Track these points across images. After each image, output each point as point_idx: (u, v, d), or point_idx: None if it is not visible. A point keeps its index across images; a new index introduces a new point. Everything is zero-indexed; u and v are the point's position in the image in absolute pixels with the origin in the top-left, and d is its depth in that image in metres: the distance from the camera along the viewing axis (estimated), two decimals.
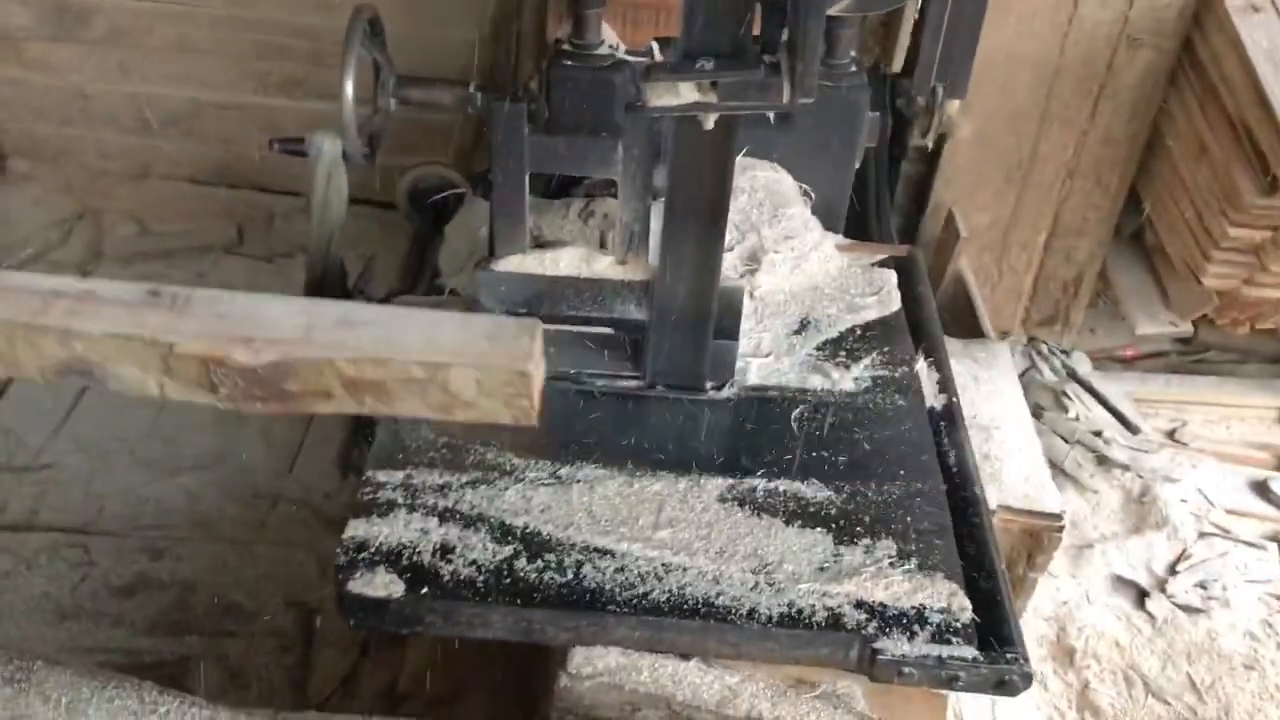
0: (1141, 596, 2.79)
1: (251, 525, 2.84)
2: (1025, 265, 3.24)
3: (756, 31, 1.56)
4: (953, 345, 2.54)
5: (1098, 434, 3.03)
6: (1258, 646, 2.69)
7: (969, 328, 2.70)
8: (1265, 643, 2.70)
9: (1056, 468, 2.98)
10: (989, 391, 2.37)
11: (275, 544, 2.78)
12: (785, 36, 1.47)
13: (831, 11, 1.47)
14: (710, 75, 1.50)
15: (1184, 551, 2.88)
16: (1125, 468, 3.00)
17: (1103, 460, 3.03)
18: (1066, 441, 2.98)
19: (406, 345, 1.66)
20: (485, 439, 1.76)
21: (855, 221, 2.57)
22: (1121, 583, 2.82)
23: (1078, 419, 3.06)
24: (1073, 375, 3.15)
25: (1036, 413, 2.97)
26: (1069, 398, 3.10)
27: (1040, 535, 2.23)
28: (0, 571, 2.61)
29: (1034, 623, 2.69)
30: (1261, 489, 3.06)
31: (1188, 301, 3.05)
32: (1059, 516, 2.21)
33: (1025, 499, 2.21)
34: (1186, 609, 2.76)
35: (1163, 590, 2.79)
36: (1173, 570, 2.84)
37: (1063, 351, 3.27)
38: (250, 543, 2.78)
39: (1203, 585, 2.80)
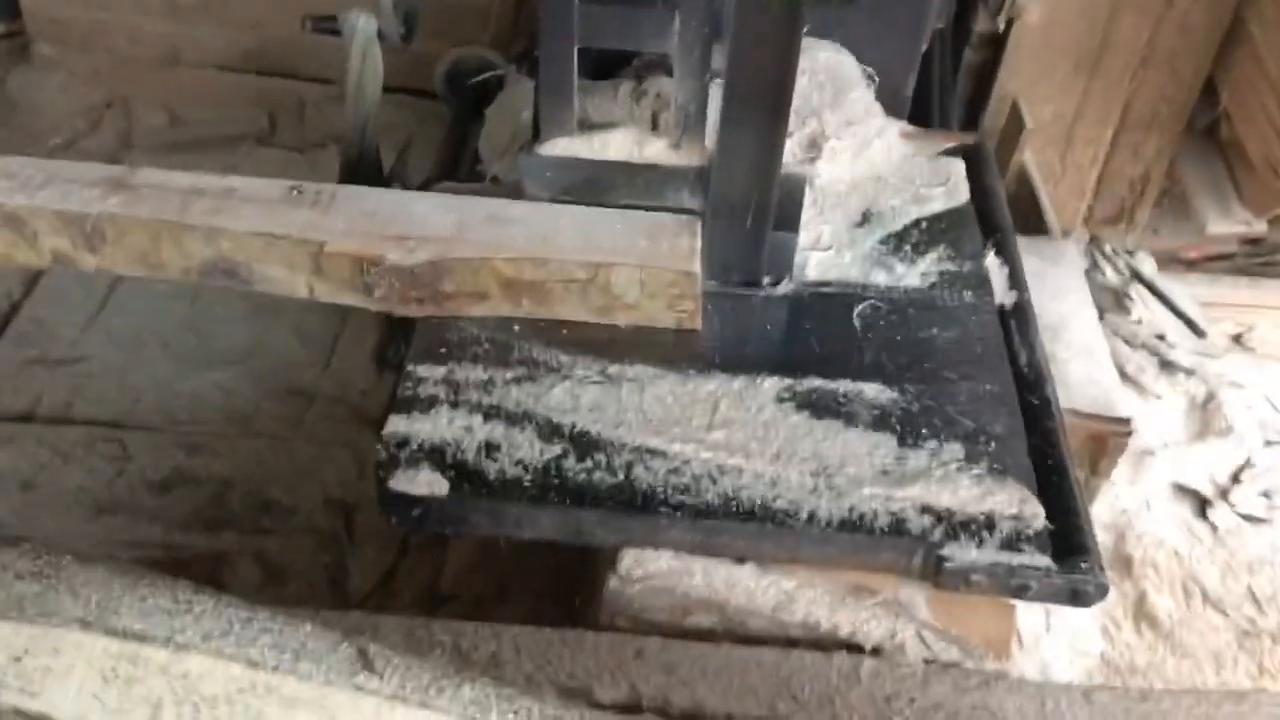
0: (1203, 505, 2.71)
1: (288, 421, 2.79)
2: (1090, 160, 3.09)
3: None
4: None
5: (1161, 337, 2.92)
6: None
7: (1033, 224, 2.58)
8: None
9: (1121, 371, 2.87)
10: (1055, 290, 2.26)
11: (312, 440, 2.73)
12: None
13: None
14: None
15: (1248, 460, 2.78)
16: (1190, 372, 2.90)
17: (1166, 364, 2.92)
18: (1129, 344, 2.87)
19: (564, 244, 1.63)
20: (531, 334, 1.68)
21: (917, 109, 2.45)
22: (1183, 491, 2.73)
23: (1140, 322, 2.94)
24: (1137, 276, 3.03)
25: (1098, 315, 2.86)
26: (1132, 299, 2.98)
27: (1106, 440, 2.14)
28: (37, 465, 2.59)
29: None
30: None
31: (1265, 199, 2.90)
32: (1127, 422, 2.13)
33: (1092, 402, 2.12)
34: (1250, 519, 2.67)
35: (1225, 499, 2.70)
36: (1236, 479, 2.74)
37: (1126, 252, 3.14)
38: (287, 439, 2.74)
39: (1267, 495, 2.71)
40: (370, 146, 2.19)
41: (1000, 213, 2.00)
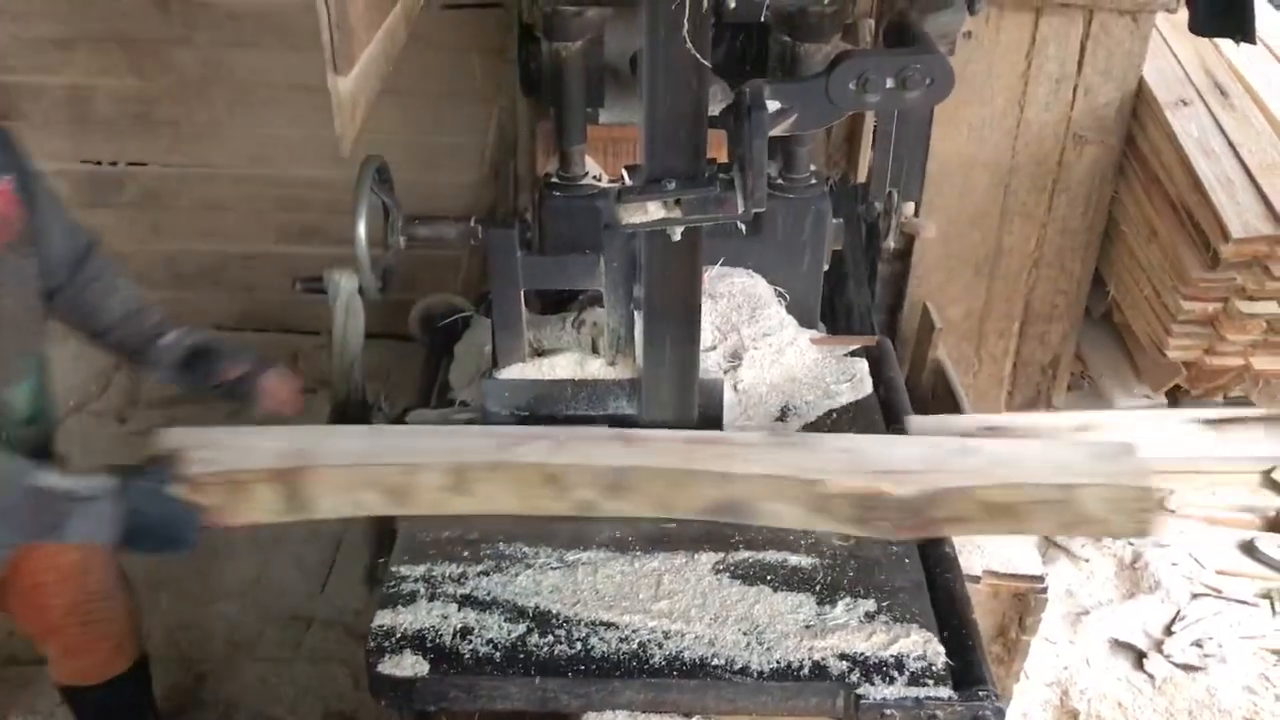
0: (1140, 658, 2.89)
1: (288, 644, 3.00)
2: (1003, 352, 3.43)
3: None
4: None
5: None
6: (1257, 699, 2.78)
7: (950, 411, 2.87)
8: (1263, 695, 2.79)
9: (1049, 540, 3.11)
10: None
11: (311, 660, 2.94)
12: (736, 157, 1.70)
13: (772, 132, 1.69)
14: (673, 194, 1.73)
15: (1178, 613, 2.99)
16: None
17: None
18: None
19: (1035, 469, 1.87)
20: (497, 533, 1.94)
21: (841, 317, 2.79)
22: (1120, 646, 2.92)
23: None
24: None
25: None
26: None
27: (1027, 597, 2.37)
28: (53, 701, 2.77)
29: (1036, 689, 2.80)
30: (1249, 549, 3.17)
31: (1158, 374, 3.22)
32: (1041, 579, 2.35)
33: (1008, 563, 2.35)
34: (1185, 667, 2.85)
35: (1160, 651, 2.89)
36: (1169, 631, 2.94)
37: None
38: (288, 660, 2.94)
39: (1199, 644, 2.90)
40: (356, 387, 2.49)
41: (900, 401, 2.30)
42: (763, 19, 1.43)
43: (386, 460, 1.91)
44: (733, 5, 1.38)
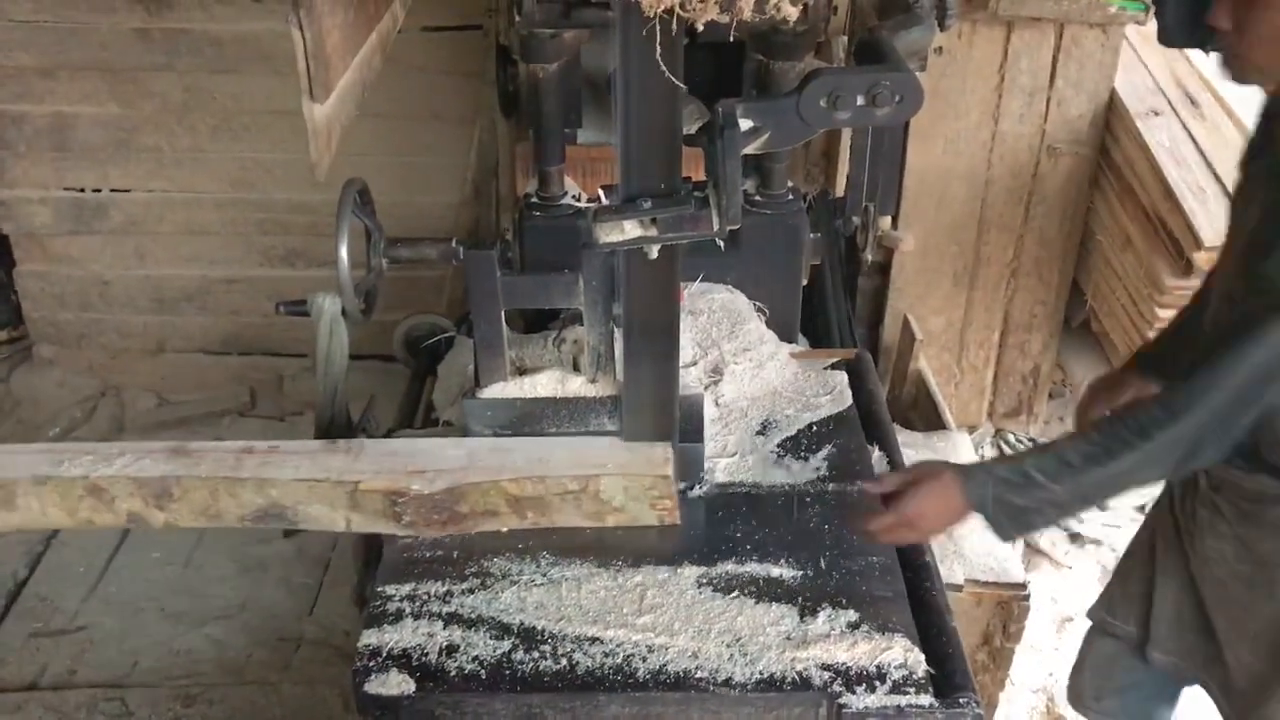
0: None
1: (277, 666, 3.01)
2: (984, 361, 3.47)
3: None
4: (915, 436, 2.76)
5: None
6: None
7: (933, 421, 2.91)
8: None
9: (1032, 546, 3.14)
10: None
11: (300, 682, 2.94)
12: (711, 175, 1.72)
13: (745, 151, 1.71)
14: (649, 213, 1.74)
15: None
16: (1098, 543, 3.17)
17: (1075, 537, 3.19)
18: None
19: (557, 462, 1.93)
20: (483, 551, 1.96)
21: (822, 330, 2.82)
22: None
23: None
24: None
25: None
26: None
27: (1010, 605, 2.40)
28: None
29: (1023, 696, 2.83)
30: None
31: None
32: (1024, 586, 2.38)
33: (990, 572, 2.38)
34: None
35: None
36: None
37: (1030, 440, 3.46)
38: (276, 683, 2.94)
39: None
40: (341, 408, 2.51)
41: (881, 413, 2.33)
42: (731, 39, 1.45)
43: None
44: (701, 27, 1.41)
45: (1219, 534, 1.90)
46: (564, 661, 1.75)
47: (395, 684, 1.72)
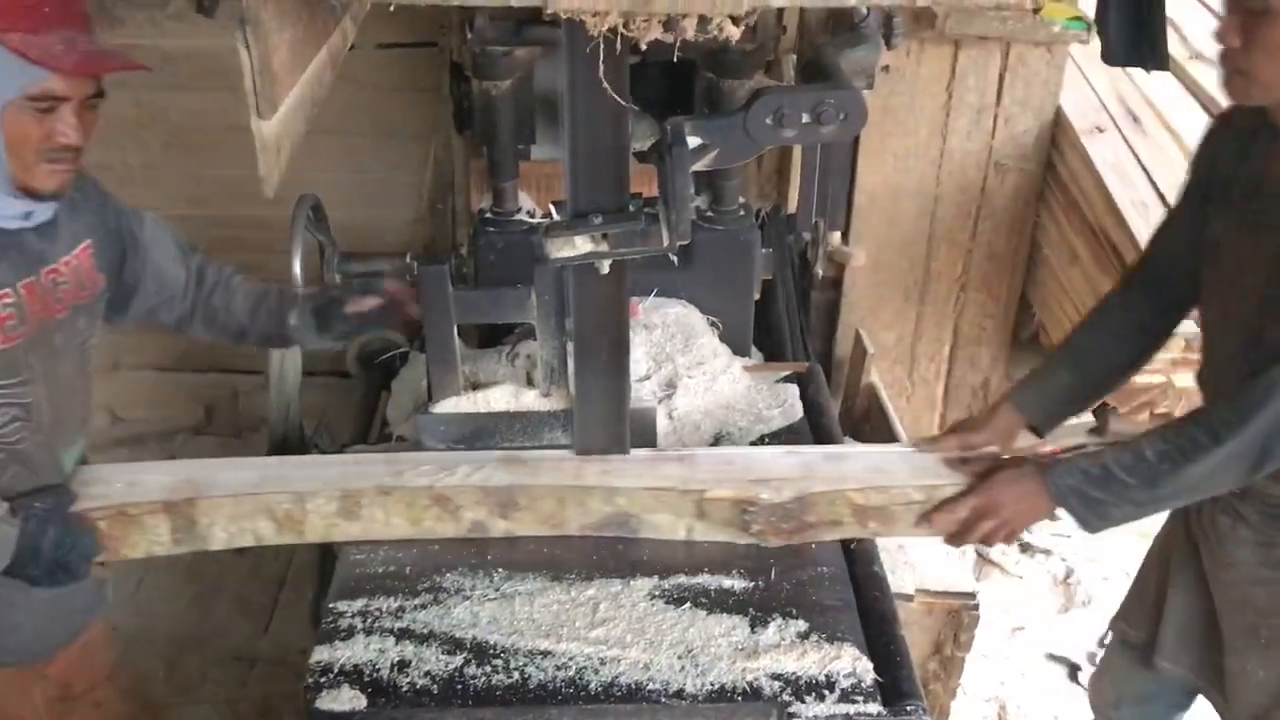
0: (1074, 671, 2.96)
1: (233, 685, 2.99)
2: (934, 375, 3.51)
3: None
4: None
5: None
6: None
7: (885, 433, 2.94)
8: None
9: (983, 557, 3.19)
10: None
11: (255, 701, 2.93)
12: (661, 191, 1.74)
13: (694, 168, 1.74)
14: (600, 228, 1.77)
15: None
16: (1048, 553, 3.21)
17: (1026, 547, 3.24)
18: None
19: (897, 472, 1.97)
20: (435, 566, 1.96)
21: (775, 344, 2.84)
22: (1054, 660, 2.99)
23: None
24: None
25: None
26: None
27: (960, 614, 2.42)
28: None
29: (974, 705, 2.86)
30: None
31: None
32: (973, 596, 2.41)
33: (940, 581, 2.41)
34: None
35: (1093, 663, 2.96)
36: (1101, 644, 3.01)
37: None
38: (233, 701, 2.92)
39: None
40: (295, 426, 2.51)
41: (830, 425, 2.36)
42: (676, 59, 1.48)
43: (277, 489, 1.94)
44: (644, 47, 1.43)
45: (1240, 540, 1.93)
46: (516, 675, 1.76)
47: (347, 700, 1.72)
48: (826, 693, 1.73)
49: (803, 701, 1.72)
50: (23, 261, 1.73)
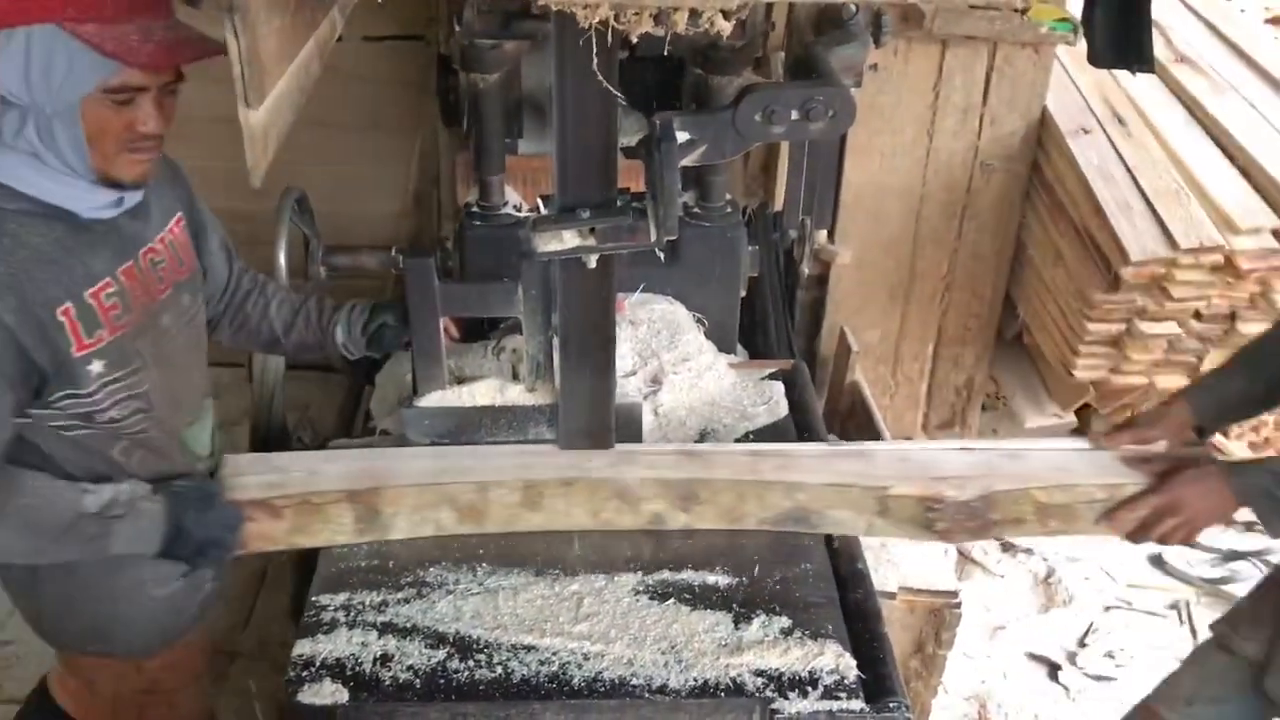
0: (1055, 670, 2.98)
1: (213, 678, 2.96)
2: (918, 374, 3.52)
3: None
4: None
5: None
6: None
7: (869, 431, 2.94)
8: None
9: (965, 555, 3.20)
10: None
11: (236, 694, 2.91)
12: (649, 186, 1.74)
13: (682, 163, 1.73)
14: (587, 222, 1.76)
15: (1091, 625, 3.08)
16: (1029, 552, 3.22)
17: (1008, 547, 3.25)
18: None
19: (1080, 470, 1.95)
20: (419, 560, 1.95)
21: (760, 341, 2.84)
22: (1035, 658, 3.01)
23: None
24: None
25: None
26: None
27: (942, 612, 2.43)
28: None
29: (955, 703, 2.87)
30: (1158, 562, 3.29)
31: (1066, 394, 3.32)
32: (955, 594, 2.42)
33: (923, 579, 2.42)
34: (1098, 678, 2.95)
35: (1074, 663, 2.98)
36: (1082, 643, 3.04)
37: None
38: (213, 695, 2.90)
39: (1111, 655, 3.00)
40: (277, 419, 2.49)
41: (815, 422, 2.36)
42: (666, 53, 1.47)
43: (460, 478, 1.95)
44: (635, 40, 1.42)
45: None
46: (499, 670, 1.76)
47: (328, 694, 1.71)
48: (810, 689, 1.73)
49: (786, 698, 1.72)
50: (120, 246, 1.72)
